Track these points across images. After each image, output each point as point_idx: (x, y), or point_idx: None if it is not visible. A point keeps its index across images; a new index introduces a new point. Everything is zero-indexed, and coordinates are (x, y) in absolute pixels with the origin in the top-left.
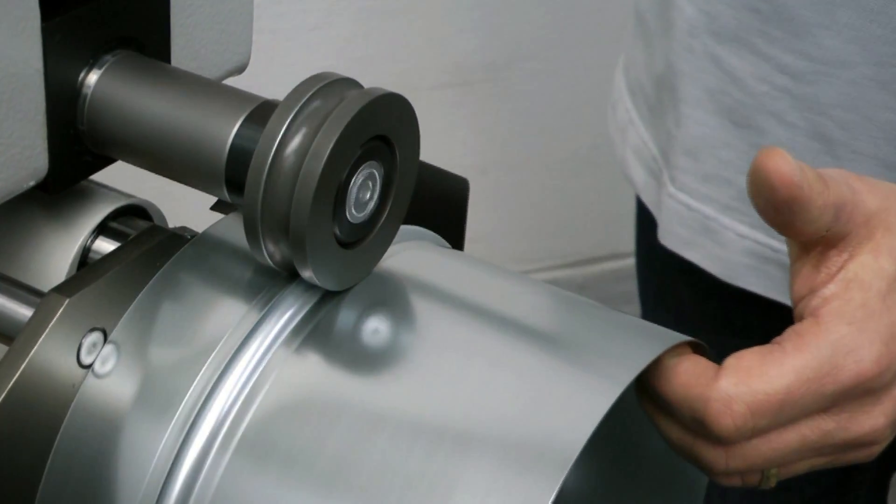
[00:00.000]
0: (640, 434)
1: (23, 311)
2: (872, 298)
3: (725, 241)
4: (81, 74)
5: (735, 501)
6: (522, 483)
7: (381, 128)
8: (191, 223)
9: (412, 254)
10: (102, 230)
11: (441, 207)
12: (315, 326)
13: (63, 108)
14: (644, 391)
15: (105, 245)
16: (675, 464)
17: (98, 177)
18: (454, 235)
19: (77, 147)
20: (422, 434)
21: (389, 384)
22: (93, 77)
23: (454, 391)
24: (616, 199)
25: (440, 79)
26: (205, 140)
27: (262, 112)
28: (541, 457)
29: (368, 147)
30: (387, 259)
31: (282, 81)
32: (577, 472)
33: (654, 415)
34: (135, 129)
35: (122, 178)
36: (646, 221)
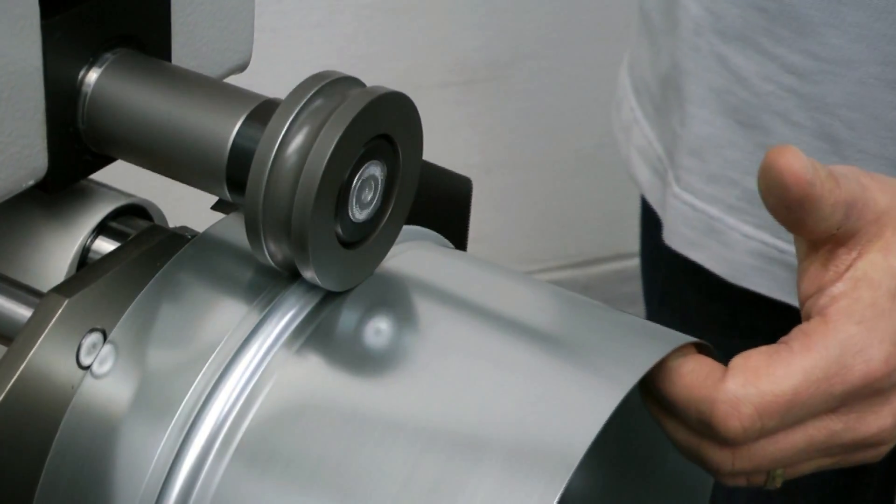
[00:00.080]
0: (645, 435)
1: (22, 312)
2: (882, 297)
3: (731, 242)
4: (81, 73)
5: (741, 503)
6: (526, 485)
7: (384, 127)
8: (191, 223)
9: (415, 254)
10: (102, 230)
11: (444, 207)
12: (317, 327)
13: (63, 107)
14: (649, 393)
15: (105, 245)
16: (680, 465)
17: (98, 176)
18: (457, 235)
19: (77, 146)
20: (424, 436)
21: (392, 386)
22: (93, 75)
23: (457, 393)
24: (620, 199)
25: (443, 77)
26: (206, 139)
27: (264, 111)
28: (545, 458)
29: (371, 146)
30: (389, 259)
31: (283, 80)
32: (582, 474)
33: (660, 416)
34: (135, 128)
35: (122, 178)
36: (651, 221)
